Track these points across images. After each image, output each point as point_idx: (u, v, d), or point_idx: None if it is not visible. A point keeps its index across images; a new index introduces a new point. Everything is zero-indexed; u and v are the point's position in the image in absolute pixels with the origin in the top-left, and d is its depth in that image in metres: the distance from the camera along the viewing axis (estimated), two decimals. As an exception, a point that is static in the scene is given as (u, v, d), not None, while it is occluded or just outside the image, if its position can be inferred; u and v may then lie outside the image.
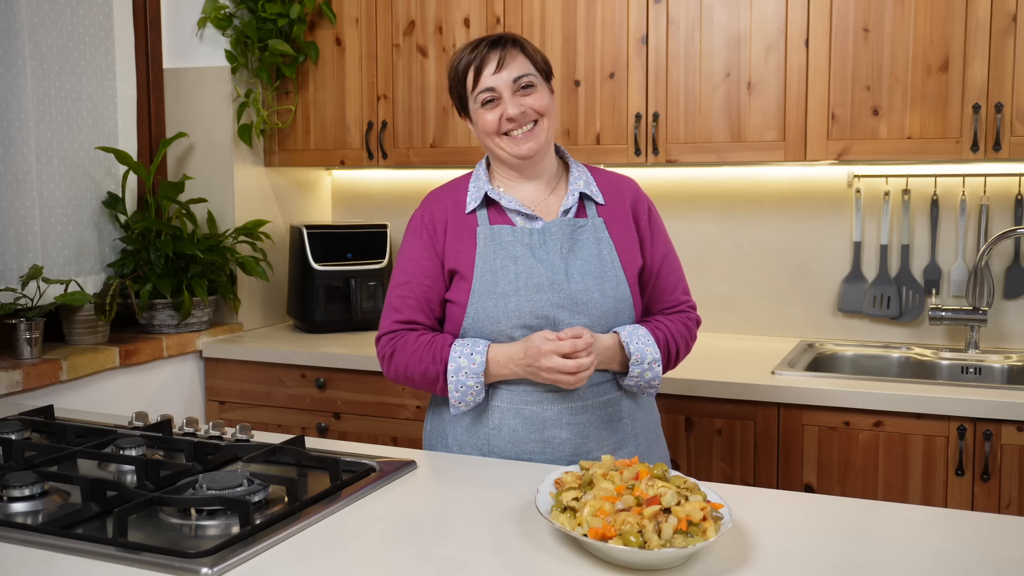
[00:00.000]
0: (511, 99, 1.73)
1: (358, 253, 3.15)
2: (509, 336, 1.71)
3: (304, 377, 2.85)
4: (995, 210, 2.70)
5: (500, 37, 1.77)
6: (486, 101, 1.75)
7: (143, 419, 1.86)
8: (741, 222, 2.97)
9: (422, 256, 1.79)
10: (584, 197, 1.81)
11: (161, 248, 2.82)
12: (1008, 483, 2.15)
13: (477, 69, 1.75)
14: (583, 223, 1.77)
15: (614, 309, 1.74)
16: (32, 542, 1.29)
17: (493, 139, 1.77)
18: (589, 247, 1.75)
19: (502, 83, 1.73)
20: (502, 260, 1.73)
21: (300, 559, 1.26)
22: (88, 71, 2.83)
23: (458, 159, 2.94)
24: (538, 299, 1.70)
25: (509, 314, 1.70)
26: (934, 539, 1.32)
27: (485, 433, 1.75)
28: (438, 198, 1.84)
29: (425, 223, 1.81)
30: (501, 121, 1.74)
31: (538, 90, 1.76)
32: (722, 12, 2.61)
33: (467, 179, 1.85)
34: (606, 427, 1.75)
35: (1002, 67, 2.36)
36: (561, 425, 1.71)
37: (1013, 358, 2.58)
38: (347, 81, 3.07)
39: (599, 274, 1.74)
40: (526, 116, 1.74)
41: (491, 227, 1.76)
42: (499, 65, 1.73)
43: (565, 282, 1.71)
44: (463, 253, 1.76)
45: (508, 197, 1.79)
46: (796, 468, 2.31)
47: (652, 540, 1.18)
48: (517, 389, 1.73)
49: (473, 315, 1.73)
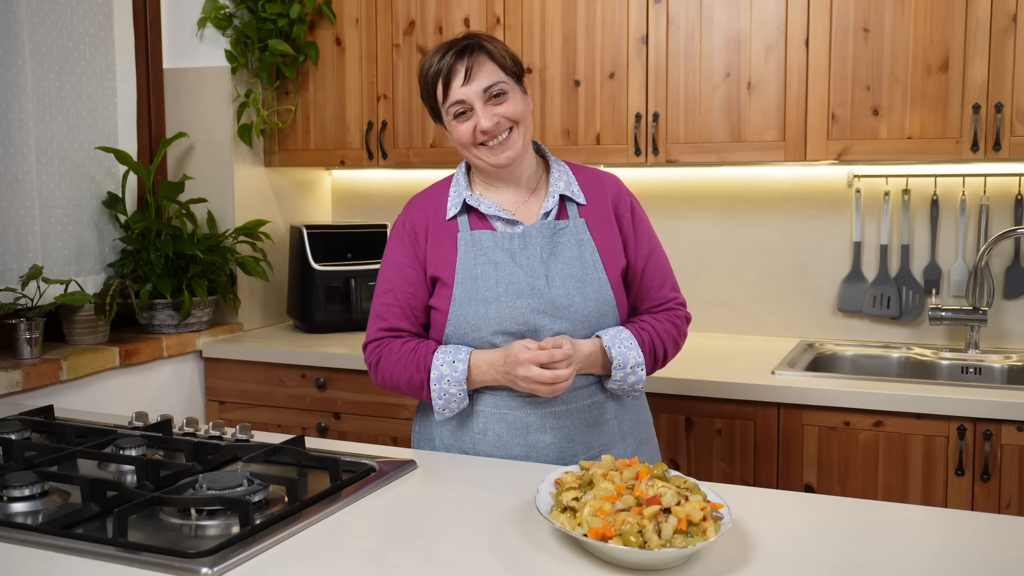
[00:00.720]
0: (483, 109, 1.69)
1: (358, 253, 3.15)
2: (491, 343, 1.70)
3: (304, 377, 2.85)
4: (995, 210, 2.70)
5: (466, 45, 1.71)
6: (458, 113, 1.71)
7: (143, 419, 1.86)
8: (741, 222, 2.97)
9: (404, 263, 1.78)
10: (565, 198, 1.79)
11: (161, 248, 2.82)
12: (1008, 483, 2.15)
13: (445, 81, 1.70)
14: (564, 225, 1.75)
15: (596, 312, 1.72)
16: (32, 542, 1.29)
17: (469, 149, 1.74)
18: (570, 250, 1.73)
19: (472, 94, 1.69)
20: (482, 266, 1.72)
21: (300, 559, 1.26)
22: (88, 71, 2.83)
23: (458, 159, 2.93)
24: (519, 305, 1.69)
25: (490, 321, 1.70)
26: (934, 539, 1.32)
27: (471, 437, 1.75)
28: (419, 204, 1.82)
29: (407, 230, 1.80)
30: (475, 133, 1.71)
31: (510, 97, 1.71)
32: (722, 12, 2.61)
33: (448, 183, 1.83)
34: (591, 430, 1.74)
35: (1002, 67, 2.36)
36: (545, 429, 1.71)
37: (1013, 358, 2.58)
38: (347, 81, 3.07)
39: (580, 277, 1.72)
40: (499, 126, 1.70)
41: (471, 233, 1.74)
42: (467, 76, 1.68)
43: (546, 287, 1.70)
44: (444, 260, 1.75)
45: (488, 202, 1.77)
46: (796, 468, 2.31)
47: (652, 540, 1.18)
48: (500, 394, 1.72)
49: (455, 322, 1.72)
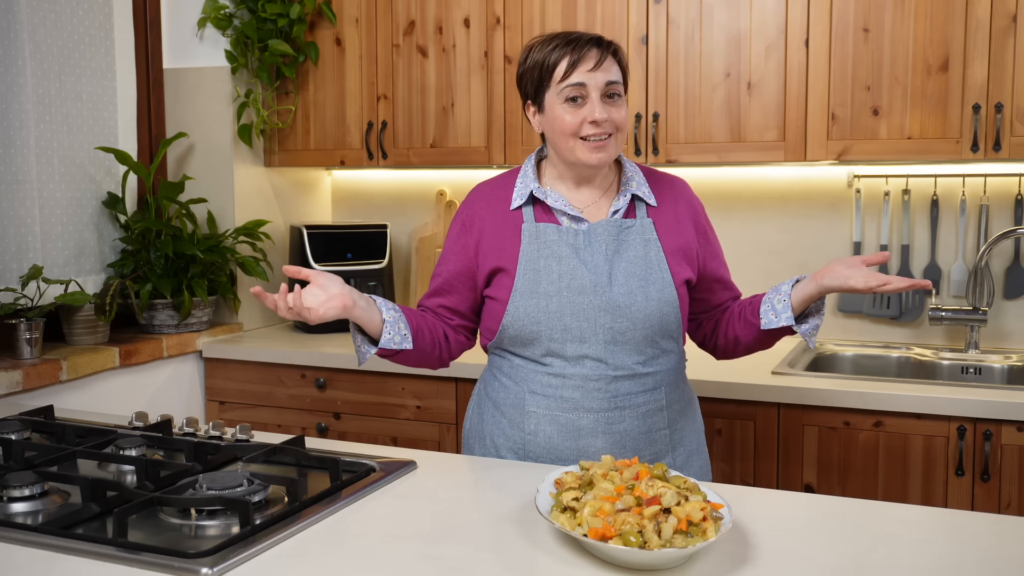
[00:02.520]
0: (598, 102, 1.67)
1: (358, 253, 3.15)
2: (548, 337, 1.69)
3: (304, 377, 2.85)
4: (995, 210, 2.70)
5: (600, 37, 1.70)
6: (571, 98, 1.67)
7: (143, 419, 1.86)
8: (741, 222, 2.97)
9: (450, 252, 1.82)
10: (635, 198, 1.77)
11: (161, 248, 2.82)
12: (1008, 483, 2.15)
13: (572, 62, 1.66)
14: (631, 223, 1.74)
15: (659, 312, 1.70)
16: (32, 542, 1.29)
17: (567, 140, 1.69)
18: (635, 248, 1.72)
19: (594, 84, 1.66)
20: (546, 259, 1.71)
21: (300, 559, 1.26)
22: (88, 71, 2.83)
23: (458, 159, 2.94)
24: (580, 301, 1.68)
25: (550, 314, 1.69)
26: (934, 539, 1.32)
27: (522, 437, 1.74)
28: (482, 193, 1.83)
29: (463, 218, 1.82)
30: (583, 124, 1.67)
31: (621, 103, 1.70)
32: (722, 12, 2.61)
33: (514, 174, 1.82)
34: (643, 437, 1.72)
35: (1002, 67, 2.36)
36: (596, 434, 1.70)
37: (1013, 358, 2.58)
38: (347, 81, 3.07)
39: (644, 276, 1.70)
40: (606, 126, 1.68)
41: (536, 225, 1.73)
42: (597, 65, 1.66)
43: (608, 285, 1.69)
44: (506, 250, 1.74)
45: (555, 195, 1.75)
46: (796, 468, 2.31)
47: (652, 540, 1.18)
48: (552, 396, 1.71)
49: (513, 312, 1.71)
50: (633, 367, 1.70)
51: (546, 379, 1.72)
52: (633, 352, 1.70)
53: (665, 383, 1.75)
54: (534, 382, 1.73)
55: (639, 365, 1.71)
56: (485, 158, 2.91)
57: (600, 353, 1.68)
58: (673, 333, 1.75)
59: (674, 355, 1.78)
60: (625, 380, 1.70)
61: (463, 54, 2.90)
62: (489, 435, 1.80)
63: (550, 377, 1.72)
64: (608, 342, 1.68)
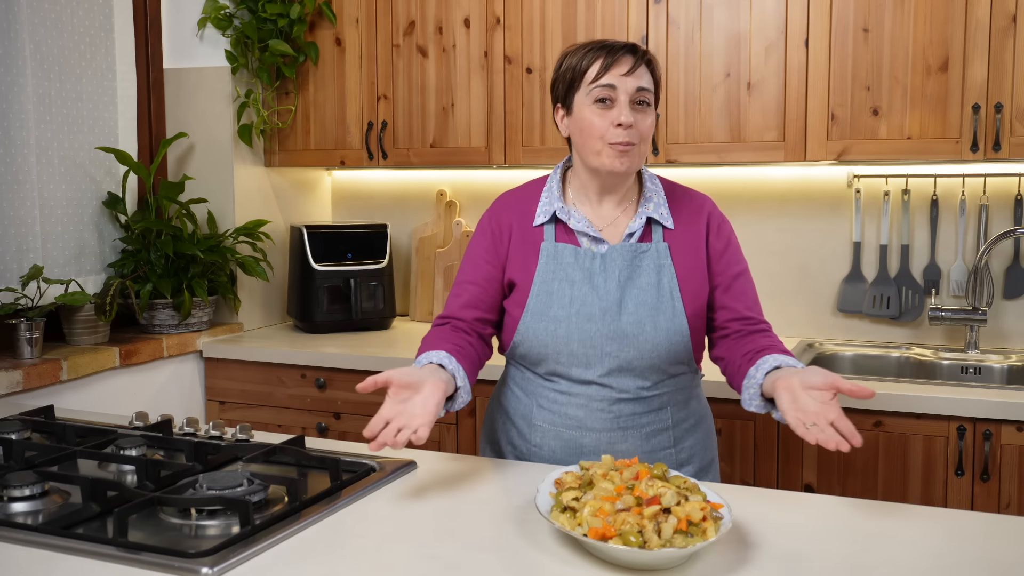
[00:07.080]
0: (626, 106, 1.65)
1: (358, 253, 3.15)
2: (555, 360, 1.69)
3: (304, 377, 2.85)
4: (995, 210, 2.70)
5: (635, 45, 1.70)
6: (600, 99, 1.66)
7: (143, 419, 1.86)
8: (741, 222, 2.96)
9: (482, 259, 1.78)
10: (652, 220, 1.75)
11: (161, 248, 2.82)
12: (1008, 483, 2.15)
13: (606, 64, 1.65)
14: (646, 248, 1.71)
15: (667, 342, 1.68)
16: (32, 542, 1.29)
17: (593, 142, 1.67)
18: (648, 275, 1.70)
19: (624, 88, 1.65)
20: (559, 283, 1.70)
21: (300, 559, 1.26)
22: (88, 71, 2.83)
23: (458, 159, 2.94)
24: (588, 328, 1.68)
25: (558, 339, 1.69)
26: (934, 539, 1.32)
27: (527, 448, 1.76)
28: (508, 205, 1.81)
29: (492, 227, 1.80)
30: (609, 127, 1.65)
31: (649, 112, 1.69)
32: (722, 12, 2.61)
33: (540, 186, 1.80)
34: (647, 457, 1.72)
35: (1002, 67, 2.36)
36: (599, 454, 1.70)
37: (1013, 358, 2.58)
38: (347, 81, 3.07)
39: (655, 305, 1.68)
40: (632, 133, 1.65)
41: (555, 245, 1.73)
42: (630, 71, 1.65)
43: (617, 314, 1.68)
44: (524, 267, 1.74)
45: (577, 216, 1.74)
46: (796, 468, 2.32)
47: (652, 540, 1.18)
48: (557, 412, 1.72)
49: (523, 332, 1.72)
50: (638, 391, 1.70)
51: (552, 395, 1.73)
52: (638, 378, 1.70)
53: (672, 403, 1.74)
54: (542, 396, 1.74)
55: (644, 390, 1.71)
56: (485, 158, 2.91)
57: (605, 379, 1.69)
58: (682, 359, 1.73)
59: (685, 376, 1.77)
60: (629, 402, 1.70)
61: (463, 54, 2.90)
62: (500, 441, 1.83)
63: (556, 394, 1.73)
64: (613, 369, 1.68)
